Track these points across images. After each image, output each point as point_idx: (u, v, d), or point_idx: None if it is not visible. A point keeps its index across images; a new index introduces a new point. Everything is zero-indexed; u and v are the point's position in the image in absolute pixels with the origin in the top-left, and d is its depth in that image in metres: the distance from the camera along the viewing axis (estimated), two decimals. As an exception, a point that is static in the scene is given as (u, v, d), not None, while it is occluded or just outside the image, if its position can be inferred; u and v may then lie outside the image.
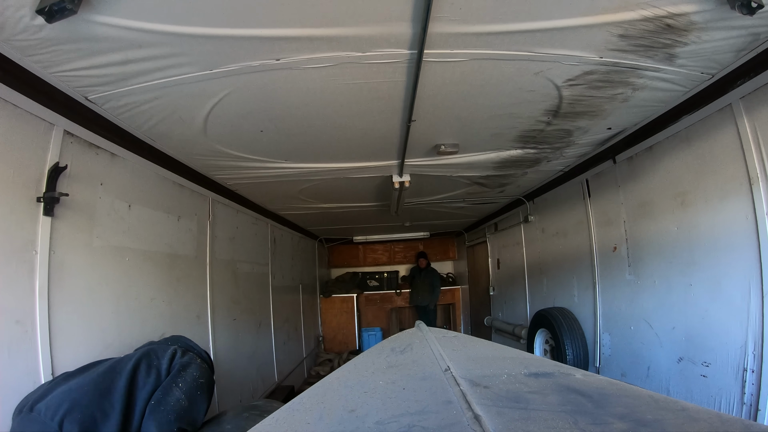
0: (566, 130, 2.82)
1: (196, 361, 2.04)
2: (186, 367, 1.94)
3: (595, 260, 3.69)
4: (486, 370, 1.04)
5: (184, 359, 1.98)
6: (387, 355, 1.32)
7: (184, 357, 2.00)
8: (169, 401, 1.79)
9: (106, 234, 2.39)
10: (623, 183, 3.32)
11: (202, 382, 1.96)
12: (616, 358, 3.49)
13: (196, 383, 1.93)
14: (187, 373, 1.92)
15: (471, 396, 0.83)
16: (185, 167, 3.09)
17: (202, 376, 1.99)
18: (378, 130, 2.38)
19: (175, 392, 1.82)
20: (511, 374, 0.98)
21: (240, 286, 4.05)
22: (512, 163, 3.24)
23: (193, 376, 1.94)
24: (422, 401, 0.86)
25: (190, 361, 2.00)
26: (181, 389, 1.84)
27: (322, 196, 4.26)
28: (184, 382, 1.87)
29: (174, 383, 1.85)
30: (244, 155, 2.80)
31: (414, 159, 2.97)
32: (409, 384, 0.98)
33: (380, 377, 1.07)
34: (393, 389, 0.96)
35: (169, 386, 1.84)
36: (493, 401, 0.81)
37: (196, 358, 2.07)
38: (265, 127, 2.33)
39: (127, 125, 2.40)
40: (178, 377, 1.89)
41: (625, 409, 0.78)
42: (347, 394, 0.98)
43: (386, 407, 0.86)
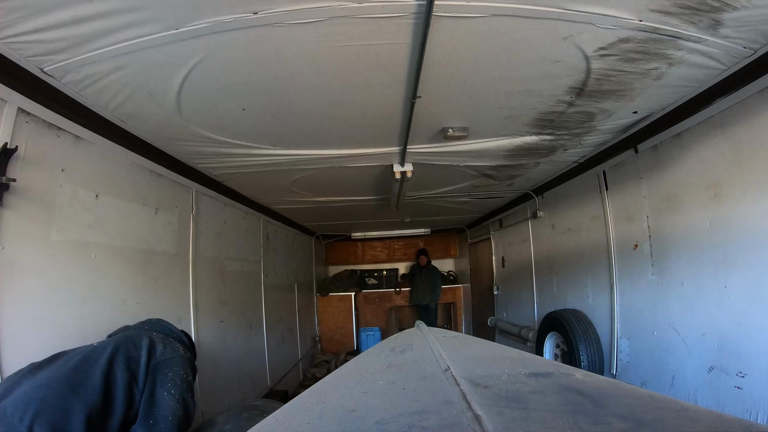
0: (588, 114, 2.52)
1: (179, 351, 1.84)
2: (171, 364, 1.74)
3: (612, 259, 3.39)
4: (486, 370, 1.03)
5: (167, 352, 1.78)
6: (387, 355, 1.31)
7: (167, 349, 1.80)
8: (165, 415, 1.63)
9: (67, 227, 2.10)
10: (646, 174, 3.02)
11: (190, 380, 1.79)
12: (636, 365, 3.21)
13: (185, 383, 1.75)
14: (174, 372, 1.73)
15: (471, 396, 0.82)
16: (163, 154, 2.79)
17: (189, 371, 1.81)
18: (378, 109, 2.07)
19: (168, 401, 1.65)
20: (511, 374, 0.97)
21: (228, 286, 3.74)
22: (525, 152, 2.93)
23: (181, 375, 1.75)
24: (422, 401, 0.86)
25: (174, 355, 1.80)
26: (173, 396, 1.67)
27: (317, 189, 3.95)
28: (175, 386, 1.70)
29: (163, 389, 1.67)
30: (227, 140, 2.49)
31: (417, 145, 2.66)
32: (409, 384, 0.97)
33: (380, 377, 1.06)
34: (393, 389, 0.95)
35: (160, 394, 1.65)
36: (493, 401, 0.80)
37: (178, 347, 1.87)
38: (248, 105, 2.02)
39: (92, 103, 2.11)
40: (167, 380, 1.69)
41: (625, 409, 0.78)
42: (347, 394, 0.97)
43: (386, 407, 0.85)
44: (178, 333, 2.03)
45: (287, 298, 5.91)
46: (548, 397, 0.84)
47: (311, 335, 7.42)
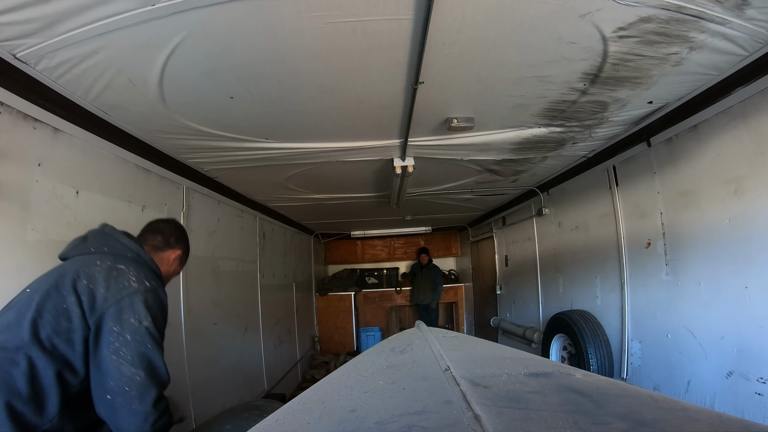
0: (601, 103, 2.37)
1: (129, 287, 1.33)
2: (118, 312, 1.27)
3: (623, 258, 3.24)
4: (486, 370, 1.03)
5: (110, 294, 1.29)
6: (387, 355, 1.30)
7: (111, 289, 1.30)
8: (120, 387, 1.22)
9: (44, 226, 1.95)
10: (660, 168, 2.87)
11: (147, 326, 1.30)
12: (648, 369, 3.06)
13: (142, 334, 1.28)
14: (123, 323, 1.26)
15: (471, 396, 0.82)
16: (151, 148, 2.64)
17: (145, 311, 1.31)
18: (377, 96, 1.91)
19: (119, 367, 1.23)
20: (511, 374, 0.97)
21: (222, 287, 3.59)
22: (533, 145, 2.78)
23: (132, 325, 1.28)
24: (422, 401, 0.85)
25: (121, 296, 1.30)
26: (124, 359, 1.23)
27: (314, 186, 3.79)
28: (125, 343, 1.24)
29: (110, 350, 1.23)
30: (216, 132, 2.33)
31: (419, 138, 2.50)
32: (409, 384, 0.97)
33: (380, 377, 1.05)
34: (393, 389, 0.95)
35: (108, 360, 1.23)
36: (493, 401, 0.80)
37: (129, 280, 1.34)
38: (236, 92, 1.87)
39: (71, 92, 1.97)
40: (112, 337, 1.24)
41: (625, 409, 0.77)
42: (347, 394, 0.96)
43: (386, 407, 0.85)
44: (133, 249, 1.48)
45: (285, 298, 5.77)
46: (548, 397, 0.84)
47: (310, 336, 7.28)
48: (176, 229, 1.74)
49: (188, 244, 1.79)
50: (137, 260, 1.46)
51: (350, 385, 1.05)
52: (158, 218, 1.82)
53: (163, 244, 1.66)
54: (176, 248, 1.69)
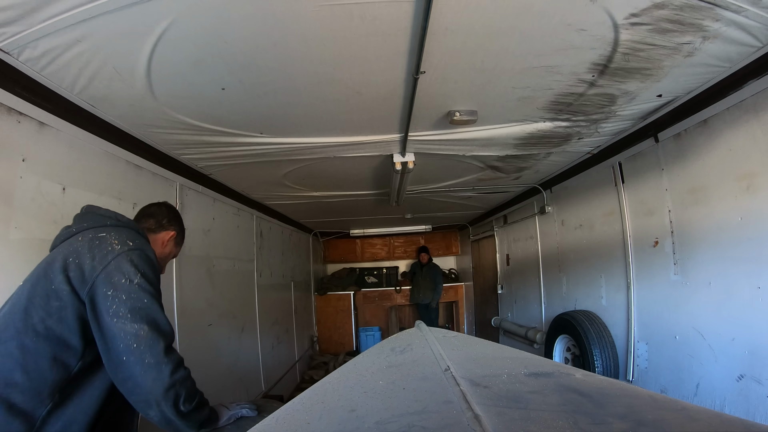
0: (610, 96, 2.28)
1: (112, 251, 1.31)
2: (107, 277, 1.25)
3: (629, 257, 3.15)
4: (486, 370, 1.03)
5: (96, 263, 1.27)
6: (387, 355, 1.29)
7: (96, 258, 1.28)
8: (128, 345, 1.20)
9: (29, 224, 1.87)
10: (668, 165, 2.78)
11: (138, 282, 1.28)
12: (655, 371, 2.98)
13: (134, 290, 1.26)
14: (115, 284, 1.25)
15: (471, 396, 0.81)
16: (141, 143, 2.55)
17: (132, 268, 1.29)
18: (375, 87, 1.82)
19: (121, 326, 1.21)
20: (511, 374, 0.96)
21: (217, 287, 3.50)
22: (538, 140, 2.68)
23: (123, 285, 1.26)
24: (422, 401, 0.85)
25: (105, 262, 1.28)
26: (123, 317, 1.22)
27: (312, 183, 3.70)
28: (120, 302, 1.23)
29: (108, 314, 1.22)
30: (209, 126, 2.24)
31: (420, 132, 2.41)
32: (409, 384, 0.97)
33: (380, 377, 1.05)
34: (393, 389, 0.95)
35: (108, 323, 1.21)
36: (493, 401, 0.80)
37: (111, 244, 1.32)
38: (227, 83, 1.78)
39: (57, 85, 1.88)
40: (108, 300, 1.23)
41: (625, 409, 0.77)
42: (347, 394, 0.96)
43: (386, 407, 0.85)
44: (111, 216, 1.48)
45: (283, 298, 5.68)
46: (548, 397, 0.84)
47: (309, 336, 7.20)
48: (168, 210, 1.73)
49: (182, 224, 1.79)
50: (117, 225, 1.45)
51: (350, 385, 1.04)
52: (150, 203, 1.80)
53: (156, 227, 1.66)
54: (170, 229, 1.69)
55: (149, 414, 1.24)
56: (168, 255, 1.71)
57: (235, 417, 1.49)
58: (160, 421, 1.25)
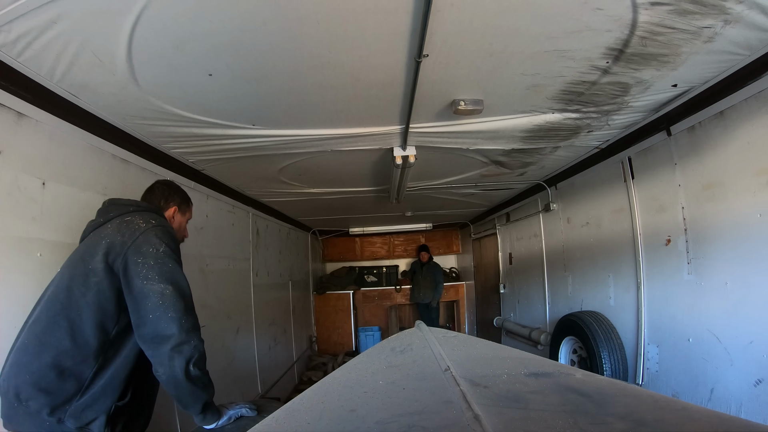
0: (623, 86, 2.15)
1: (138, 228, 1.51)
2: (135, 249, 1.44)
3: (639, 256, 3.02)
4: (486, 370, 1.02)
5: (126, 239, 1.46)
6: (387, 355, 1.30)
7: (125, 235, 1.48)
8: (155, 303, 1.37)
9: (4, 220, 1.76)
10: (681, 159, 2.65)
11: (163, 251, 1.47)
12: (666, 375, 2.85)
13: (160, 256, 1.45)
14: (143, 253, 1.44)
15: (471, 396, 0.81)
16: (128, 136, 2.42)
17: (156, 240, 1.48)
18: (374, 72, 1.68)
19: (150, 287, 1.39)
20: (511, 374, 0.96)
21: (210, 287, 3.37)
22: (546, 133, 2.55)
23: (151, 252, 1.45)
24: (422, 401, 0.85)
25: (134, 237, 1.47)
26: (151, 279, 1.40)
27: (309, 179, 3.56)
28: (149, 267, 1.42)
29: (138, 278, 1.40)
30: (197, 117, 2.11)
31: (422, 124, 2.27)
32: (409, 384, 0.97)
33: (380, 377, 1.05)
34: (393, 389, 0.94)
35: (138, 286, 1.39)
36: (493, 401, 0.80)
37: (137, 223, 1.53)
38: (214, 68, 1.64)
39: (35, 72, 1.76)
40: (138, 267, 1.41)
41: (625, 409, 0.77)
42: (347, 394, 0.96)
43: (386, 407, 0.85)
44: (131, 203, 1.70)
45: (281, 297, 5.55)
46: (548, 397, 0.83)
47: (307, 336, 7.07)
48: (161, 191, 1.86)
49: (178, 191, 1.93)
50: (138, 209, 1.65)
51: (350, 385, 1.04)
52: (144, 191, 1.89)
53: (159, 210, 1.79)
54: (170, 206, 1.85)
55: (159, 371, 1.38)
56: (180, 226, 1.90)
57: (235, 417, 1.53)
58: (168, 379, 1.37)
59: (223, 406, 1.54)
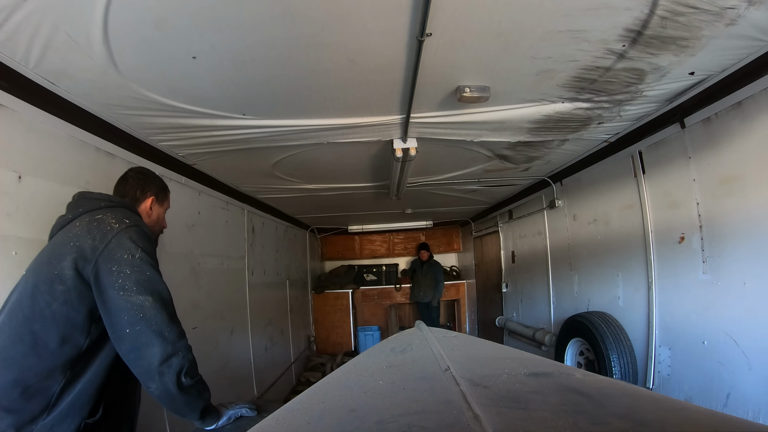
0: (638, 72, 2.02)
1: (111, 229, 1.36)
2: (109, 255, 1.30)
3: (650, 254, 2.89)
4: (486, 370, 1.02)
5: (97, 243, 1.32)
6: (387, 355, 1.29)
7: (96, 238, 1.33)
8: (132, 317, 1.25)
9: (-25, 216, 1.62)
10: (696, 152, 2.52)
11: (138, 256, 1.33)
12: (679, 379, 2.73)
13: (136, 263, 1.32)
14: (117, 260, 1.30)
15: (471, 396, 0.80)
16: (112, 128, 2.28)
17: (131, 244, 1.34)
18: (372, 54, 1.54)
19: (127, 299, 1.26)
20: (511, 374, 0.96)
21: (203, 287, 3.24)
22: (554, 124, 2.41)
23: (126, 259, 1.31)
24: (422, 401, 0.85)
25: (105, 241, 1.33)
26: (128, 289, 1.27)
27: (305, 174, 3.42)
28: (124, 276, 1.28)
29: (113, 289, 1.27)
30: (183, 105, 1.97)
31: (424, 113, 2.13)
32: (409, 384, 0.97)
33: (380, 377, 1.04)
34: (393, 389, 0.94)
35: (113, 298, 1.26)
36: (493, 401, 0.79)
37: (109, 223, 1.38)
38: (198, 50, 1.50)
39: (9, 58, 1.65)
40: (113, 276, 1.28)
41: (625, 409, 0.77)
42: (347, 394, 0.96)
43: (386, 407, 0.84)
44: (103, 198, 1.54)
45: (278, 297, 5.42)
46: (548, 397, 0.83)
47: (305, 336, 6.94)
48: (136, 180, 1.71)
49: (155, 179, 1.77)
50: (110, 206, 1.49)
51: (350, 385, 1.04)
52: (117, 180, 1.74)
53: (133, 202, 1.66)
54: (147, 196, 1.70)
55: (151, 387, 1.28)
56: (156, 221, 1.74)
57: (235, 417, 1.48)
58: (162, 394, 1.28)
59: (223, 406, 1.49)
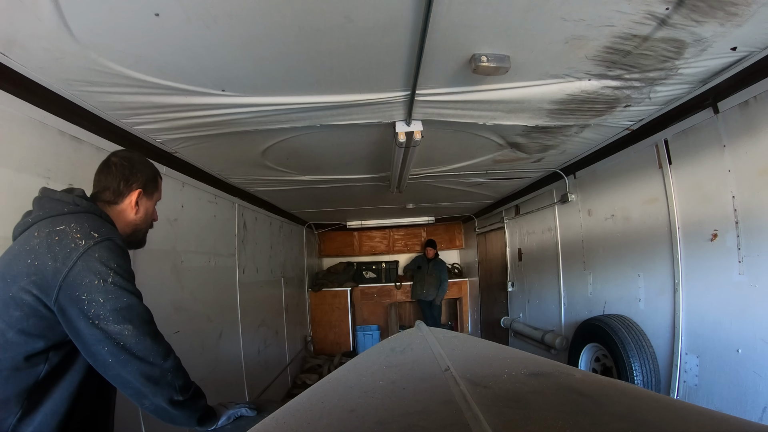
0: (678, 44, 1.75)
1: (77, 248, 1.15)
2: (76, 281, 1.12)
3: (677, 253, 2.63)
4: (486, 370, 1.02)
5: (59, 264, 1.12)
6: (387, 355, 1.27)
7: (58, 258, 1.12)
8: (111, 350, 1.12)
9: None
10: (732, 140, 2.27)
11: (112, 280, 1.14)
12: (708, 389, 2.48)
13: (110, 288, 1.14)
14: (87, 286, 1.12)
15: (471, 396, 0.80)
16: (77, 108, 2.01)
17: (100, 265, 1.15)
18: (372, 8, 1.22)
19: (105, 331, 1.11)
20: (511, 374, 0.95)
21: (186, 286, 2.97)
22: (578, 105, 2.14)
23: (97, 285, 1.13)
24: (422, 401, 0.85)
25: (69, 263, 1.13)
26: (105, 318, 1.12)
27: (298, 164, 3.14)
28: (97, 304, 1.12)
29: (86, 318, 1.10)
30: (150, 78, 1.69)
31: (432, 89, 1.84)
32: (409, 384, 0.96)
33: (380, 377, 1.04)
34: (393, 389, 0.94)
35: (86, 330, 1.11)
36: (493, 401, 0.79)
37: (74, 239, 1.16)
38: (160, 5, 1.23)
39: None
40: (83, 305, 1.11)
41: (625, 409, 0.78)
42: (347, 394, 0.96)
43: (386, 407, 0.84)
44: (68, 201, 1.27)
45: (272, 296, 5.15)
46: (548, 397, 0.83)
47: (302, 336, 6.68)
48: (120, 169, 1.43)
49: (146, 167, 1.52)
50: (76, 212, 1.25)
51: (350, 385, 1.04)
52: (98, 168, 1.46)
53: (114, 197, 1.42)
54: (132, 189, 1.44)
55: (144, 405, 1.20)
56: (146, 214, 1.52)
57: (234, 416, 1.43)
58: (155, 411, 1.21)
59: (222, 406, 1.45)
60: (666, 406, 0.80)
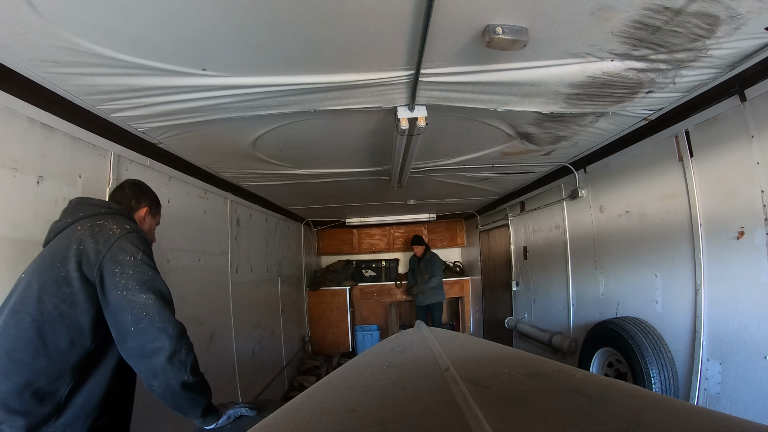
0: (712, 20, 1.57)
1: (113, 233, 1.42)
2: (112, 257, 1.35)
3: (699, 252, 2.45)
4: (486, 370, 1.03)
5: (101, 246, 1.37)
6: (387, 355, 1.29)
7: (99, 241, 1.38)
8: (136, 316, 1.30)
9: None
10: (761, 131, 2.10)
11: (140, 258, 1.39)
12: (732, 398, 2.31)
13: (138, 265, 1.37)
14: (120, 262, 1.35)
15: (471, 396, 0.80)
16: (47, 93, 1.84)
17: (133, 247, 1.40)
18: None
19: (131, 299, 1.30)
20: (511, 374, 0.96)
21: (174, 286, 2.68)
22: (598, 89, 1.95)
23: (128, 261, 1.36)
24: (422, 401, 0.86)
25: (108, 244, 1.38)
26: (132, 289, 1.32)
27: (291, 155, 2.94)
28: (128, 277, 1.33)
29: (117, 289, 1.31)
30: (122, 57, 1.50)
31: (438, 68, 1.63)
32: (409, 384, 0.97)
33: (380, 377, 1.04)
34: (393, 389, 0.94)
35: (117, 299, 1.31)
36: (493, 401, 0.79)
37: (110, 228, 1.43)
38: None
39: None
40: (116, 277, 1.32)
41: (625, 409, 0.78)
42: (347, 394, 0.96)
43: (386, 407, 0.85)
44: (103, 205, 1.58)
45: (268, 295, 4.98)
46: (548, 397, 0.83)
47: (299, 336, 6.51)
48: (131, 189, 1.77)
49: (149, 192, 1.83)
50: (110, 213, 1.54)
51: (350, 385, 1.04)
52: (115, 189, 1.81)
53: (129, 210, 1.71)
54: (142, 206, 1.76)
55: (153, 385, 1.30)
56: (150, 230, 1.81)
57: (235, 416, 1.49)
58: (165, 391, 1.30)
59: (223, 406, 1.51)
60: (666, 406, 0.81)
